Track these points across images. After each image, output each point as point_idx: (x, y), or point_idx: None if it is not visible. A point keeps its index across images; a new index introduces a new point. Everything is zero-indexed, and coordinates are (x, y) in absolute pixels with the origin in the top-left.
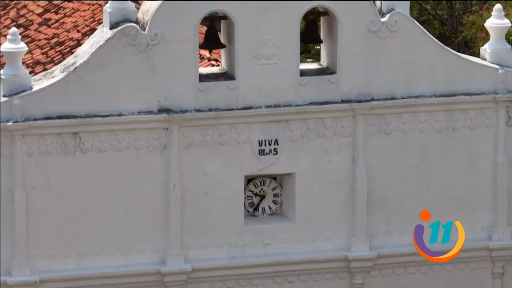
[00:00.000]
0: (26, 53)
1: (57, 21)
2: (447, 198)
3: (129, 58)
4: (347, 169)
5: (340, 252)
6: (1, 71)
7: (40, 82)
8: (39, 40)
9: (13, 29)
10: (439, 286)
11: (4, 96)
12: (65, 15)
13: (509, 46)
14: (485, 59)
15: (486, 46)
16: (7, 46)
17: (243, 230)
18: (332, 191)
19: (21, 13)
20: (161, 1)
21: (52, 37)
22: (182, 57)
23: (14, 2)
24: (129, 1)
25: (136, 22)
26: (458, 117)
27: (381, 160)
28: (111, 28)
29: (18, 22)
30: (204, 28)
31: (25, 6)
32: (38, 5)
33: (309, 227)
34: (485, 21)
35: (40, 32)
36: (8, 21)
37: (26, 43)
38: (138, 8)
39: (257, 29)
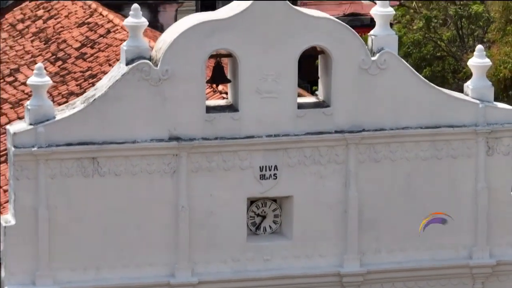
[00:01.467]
0: (62, 85)
1: (92, 55)
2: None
3: (142, 91)
4: (340, 192)
5: (333, 268)
6: (28, 102)
7: (62, 112)
8: (74, 72)
9: (39, 64)
10: None
11: (30, 124)
12: (99, 50)
13: (489, 83)
14: (467, 95)
15: (468, 82)
16: (33, 79)
17: (246, 247)
18: (327, 213)
19: (60, 47)
20: (172, 40)
21: (87, 70)
22: (191, 91)
23: (55, 36)
24: (144, 39)
25: (150, 59)
26: (442, 147)
27: (371, 185)
28: (127, 64)
29: (58, 56)
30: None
31: (65, 41)
32: (77, 40)
33: (305, 245)
34: (493, 59)
35: (76, 65)
36: (49, 54)
37: (63, 75)
38: (151, 47)
39: (258, 66)
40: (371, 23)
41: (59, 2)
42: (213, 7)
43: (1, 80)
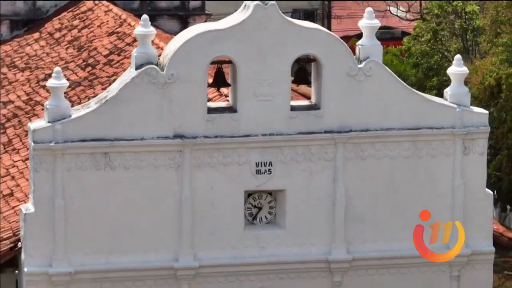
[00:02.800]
0: (89, 88)
1: (118, 62)
2: (412, 213)
3: (150, 93)
4: (329, 187)
5: (322, 255)
6: (47, 102)
7: (78, 111)
8: (101, 77)
9: (57, 68)
10: (406, 284)
11: (48, 122)
12: (125, 57)
13: (466, 89)
14: (446, 99)
15: (447, 89)
16: (52, 82)
17: (243, 235)
18: (317, 205)
19: (91, 54)
20: (177, 48)
21: (112, 75)
22: (194, 93)
23: (87, 44)
24: (152, 47)
25: (157, 64)
26: (422, 147)
27: (357, 180)
28: (136, 69)
29: (88, 62)
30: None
31: (95, 48)
32: (106, 48)
33: (297, 234)
34: (477, 69)
35: (103, 70)
36: (80, 61)
37: (91, 80)
38: (159, 54)
39: (255, 72)
40: (402, 36)
41: (93, 12)
42: None
43: (36, 84)
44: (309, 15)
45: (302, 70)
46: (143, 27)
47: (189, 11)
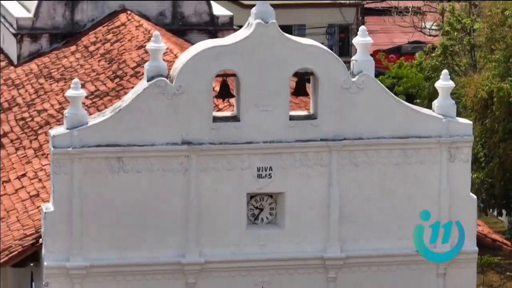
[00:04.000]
0: (116, 99)
1: (143, 74)
2: (402, 215)
3: (160, 103)
4: (324, 190)
5: (318, 253)
6: (66, 110)
7: (94, 119)
8: (127, 88)
9: (75, 79)
10: (396, 280)
11: (67, 128)
12: None
13: (453, 101)
14: (434, 111)
15: (435, 101)
16: (70, 92)
17: (245, 234)
18: (313, 207)
19: (120, 67)
20: (185, 61)
21: None
22: (200, 103)
23: (118, 57)
24: (162, 61)
25: (167, 77)
26: (411, 154)
27: (351, 185)
28: (148, 81)
29: (117, 74)
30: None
31: (124, 61)
32: (134, 61)
33: (295, 233)
34: (470, 83)
35: (130, 82)
36: (110, 72)
37: (118, 91)
38: (169, 68)
39: (257, 84)
40: (433, 50)
41: (126, 27)
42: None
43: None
44: (343, 30)
45: (301, 83)
46: (154, 43)
47: (218, 26)
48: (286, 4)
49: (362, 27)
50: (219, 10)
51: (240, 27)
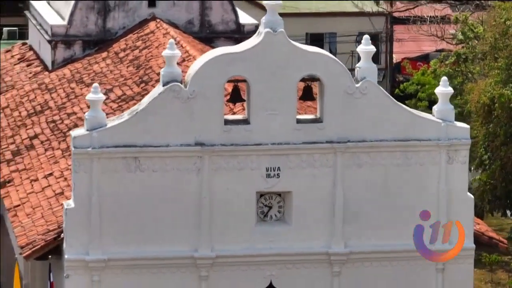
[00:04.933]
0: None
1: None
2: (402, 214)
3: (174, 107)
4: (329, 190)
5: (323, 249)
6: (86, 113)
7: (112, 121)
8: None
9: (95, 84)
10: (396, 275)
11: (87, 130)
12: None
13: (451, 106)
14: (433, 115)
15: (435, 106)
16: (90, 96)
17: (255, 230)
18: (319, 205)
19: (146, 72)
20: (198, 68)
21: None
22: (212, 107)
23: (145, 63)
24: (177, 67)
25: (181, 82)
26: (411, 156)
27: (354, 184)
28: (163, 86)
29: (143, 79)
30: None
31: (150, 67)
32: (160, 67)
33: (302, 230)
34: (474, 89)
35: (153, 87)
36: (137, 78)
37: (143, 95)
38: (184, 73)
39: (266, 89)
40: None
41: (154, 35)
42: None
43: None
44: (373, 38)
45: (308, 88)
46: (169, 50)
47: (244, 34)
48: (318, 13)
49: (365, 36)
50: (245, 18)
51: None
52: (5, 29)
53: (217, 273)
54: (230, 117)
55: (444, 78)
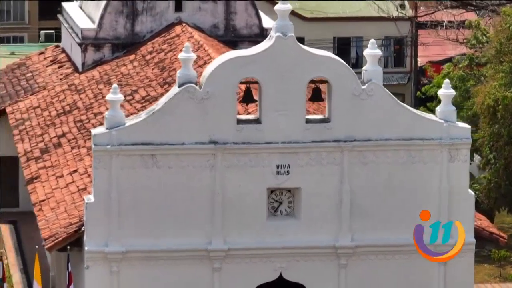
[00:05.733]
0: None
1: None
2: (406, 209)
3: (189, 107)
4: (336, 186)
5: (331, 242)
6: (106, 112)
7: (130, 120)
8: None
9: (114, 85)
10: (400, 267)
11: (106, 128)
12: None
13: (453, 107)
14: (436, 116)
15: (438, 107)
16: (110, 96)
17: (265, 225)
18: (326, 201)
19: (170, 74)
20: (212, 70)
21: None
22: (225, 107)
23: (169, 66)
24: (192, 69)
25: (196, 83)
26: (415, 155)
27: (360, 181)
28: (179, 87)
29: (166, 80)
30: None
31: (174, 69)
32: None
33: (310, 224)
34: (478, 92)
35: None
36: (161, 79)
37: None
38: (198, 76)
39: (276, 91)
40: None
41: (179, 38)
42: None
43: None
44: (398, 42)
45: (317, 90)
46: (185, 53)
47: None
48: (346, 17)
49: (372, 41)
50: (268, 23)
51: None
52: (42, 32)
53: (230, 265)
54: (242, 116)
55: (447, 80)
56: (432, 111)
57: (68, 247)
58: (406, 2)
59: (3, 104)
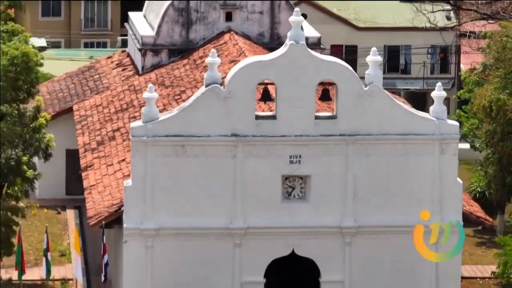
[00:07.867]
0: None
1: None
2: (403, 195)
3: (214, 104)
4: (342, 174)
5: (337, 223)
6: (143, 108)
7: (164, 115)
8: None
9: (150, 85)
10: (398, 245)
11: (143, 122)
12: None
13: (444, 107)
14: (429, 114)
15: (431, 106)
16: (146, 94)
17: (280, 207)
18: (333, 187)
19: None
20: (234, 72)
21: None
22: (245, 105)
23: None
24: (218, 71)
25: (221, 84)
26: (410, 148)
27: (363, 170)
28: (205, 87)
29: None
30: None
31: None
32: (225, 72)
33: (319, 207)
34: (476, 95)
35: None
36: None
37: None
38: (223, 77)
39: (290, 90)
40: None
41: (226, 45)
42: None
43: (172, 98)
44: (443, 50)
45: (326, 90)
46: (211, 58)
47: (308, 46)
48: (395, 27)
49: (373, 48)
50: (309, 31)
51: (334, 46)
52: (119, 38)
53: (248, 241)
54: (261, 113)
55: (439, 83)
56: (466, 112)
57: (103, 222)
58: (451, 13)
59: (71, 103)
